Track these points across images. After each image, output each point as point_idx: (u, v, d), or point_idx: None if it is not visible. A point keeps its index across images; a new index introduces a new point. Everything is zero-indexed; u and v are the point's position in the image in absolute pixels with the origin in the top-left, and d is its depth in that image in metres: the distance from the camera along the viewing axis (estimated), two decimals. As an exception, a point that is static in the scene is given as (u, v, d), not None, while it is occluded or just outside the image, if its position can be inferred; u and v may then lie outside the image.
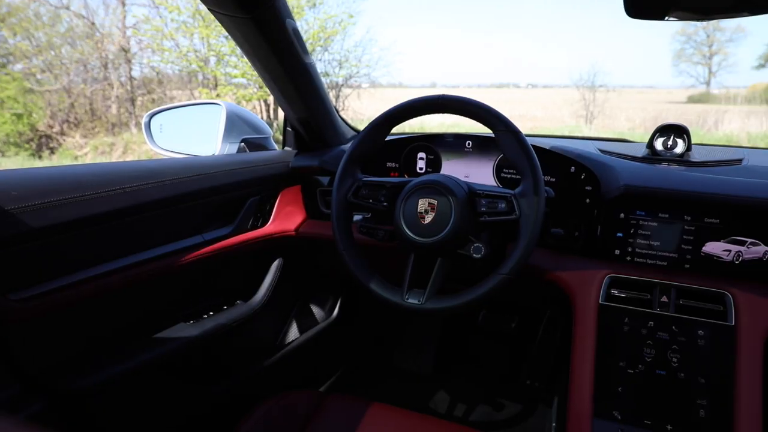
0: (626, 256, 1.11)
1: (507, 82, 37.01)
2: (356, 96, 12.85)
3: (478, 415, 1.76)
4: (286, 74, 1.22)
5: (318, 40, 11.41)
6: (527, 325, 1.85)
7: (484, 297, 0.95)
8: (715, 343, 0.98)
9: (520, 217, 0.94)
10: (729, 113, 13.24)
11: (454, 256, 1.00)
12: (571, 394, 1.02)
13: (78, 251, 0.94)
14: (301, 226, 1.47)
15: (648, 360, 1.00)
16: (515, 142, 0.96)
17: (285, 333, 1.63)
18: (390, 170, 1.41)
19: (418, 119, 1.17)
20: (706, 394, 0.95)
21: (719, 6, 0.82)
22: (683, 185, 1.07)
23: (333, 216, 1.09)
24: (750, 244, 1.03)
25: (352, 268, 1.06)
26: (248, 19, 1.04)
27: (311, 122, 1.39)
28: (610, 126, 13.71)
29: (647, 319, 1.03)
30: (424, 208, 0.98)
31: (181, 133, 1.61)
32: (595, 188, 1.16)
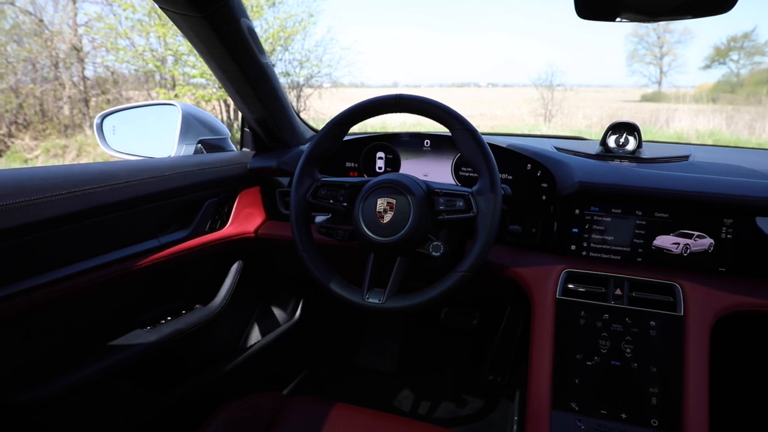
0: (582, 251, 1.14)
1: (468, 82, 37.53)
2: (318, 96, 12.77)
3: (442, 412, 1.78)
4: (242, 74, 1.20)
5: (278, 40, 11.28)
6: (488, 321, 1.88)
7: (443, 295, 0.96)
8: (666, 333, 1.02)
9: (477, 215, 0.95)
10: (679, 111, 13.74)
11: (413, 255, 1.00)
12: (530, 388, 1.04)
13: (25, 258, 0.90)
14: (261, 228, 1.46)
15: (603, 352, 1.03)
16: (472, 140, 0.97)
17: (247, 336, 1.61)
18: (349, 170, 1.41)
19: (380, 119, 1.18)
20: (658, 383, 0.99)
21: (665, 8, 0.86)
22: (634, 181, 1.11)
23: (292, 217, 1.08)
24: (697, 237, 1.07)
25: (312, 269, 1.06)
26: (201, 18, 1.02)
27: (269, 122, 1.38)
28: (569, 124, 14.05)
29: (602, 312, 1.06)
30: (382, 207, 0.99)
31: (136, 135, 1.57)
32: (550, 185, 1.19)
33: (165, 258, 1.18)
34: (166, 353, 1.31)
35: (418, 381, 1.94)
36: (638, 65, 29.14)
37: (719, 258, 1.06)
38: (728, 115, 12.78)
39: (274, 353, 1.67)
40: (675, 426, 0.95)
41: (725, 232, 1.06)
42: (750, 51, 23.64)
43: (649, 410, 0.97)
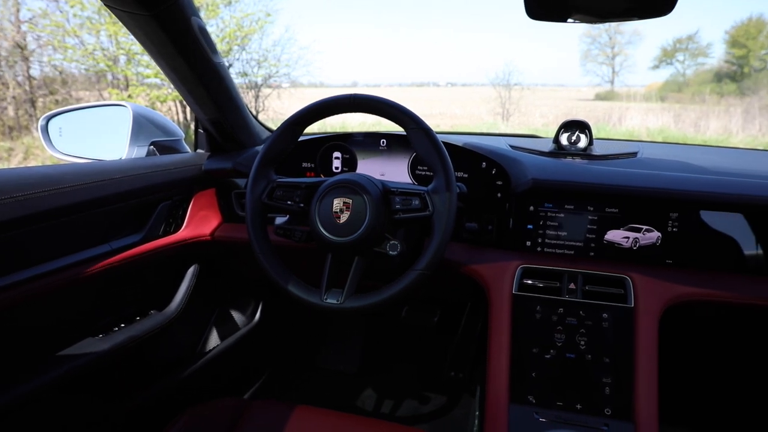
0: (537, 247, 1.17)
1: (427, 81, 37.77)
2: (276, 96, 12.64)
3: (404, 410, 1.79)
4: (194, 74, 1.18)
5: (235, 39, 11.09)
6: (449, 318, 1.90)
7: (401, 293, 0.96)
8: (617, 325, 1.05)
9: (433, 214, 0.96)
10: (630, 110, 14.22)
11: (370, 255, 1.01)
12: (488, 383, 1.06)
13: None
14: (217, 231, 1.43)
15: (559, 345, 1.06)
16: (426, 139, 0.98)
17: (205, 341, 1.58)
18: (306, 170, 1.40)
19: (339, 119, 1.18)
20: (611, 373, 1.02)
21: (613, 10, 0.89)
22: (585, 178, 1.14)
23: (247, 219, 1.06)
24: (645, 231, 1.11)
25: (269, 271, 1.04)
26: (149, 17, 0.99)
27: (223, 123, 1.36)
28: (526, 122, 14.33)
29: (557, 306, 1.09)
30: (339, 207, 0.98)
31: (84, 137, 1.52)
32: (505, 183, 1.21)
33: (117, 263, 1.15)
34: (121, 361, 1.27)
35: (380, 380, 1.94)
36: (592, 65, 30.02)
37: (666, 250, 1.11)
38: (676, 114, 13.31)
39: (233, 357, 1.65)
40: (627, 413, 0.98)
41: (671, 225, 1.10)
42: (694, 52, 24.71)
43: (603, 399, 1.00)
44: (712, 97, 17.09)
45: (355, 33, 62.13)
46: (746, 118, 12.04)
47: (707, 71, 23.15)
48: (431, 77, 45.50)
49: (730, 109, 13.40)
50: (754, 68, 20.27)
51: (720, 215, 1.10)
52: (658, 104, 16.12)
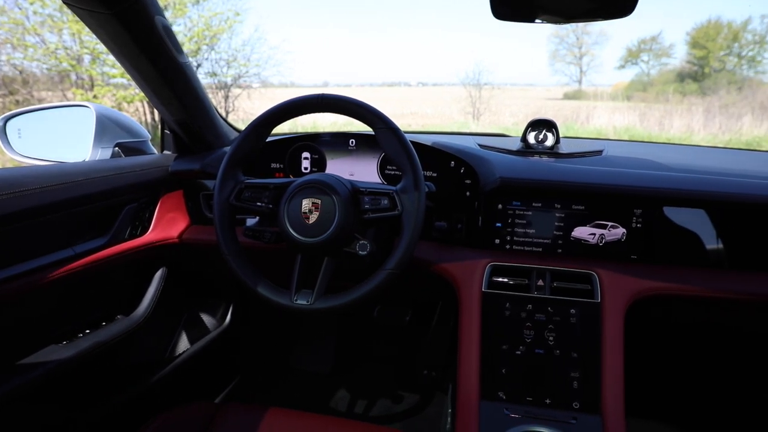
0: (505, 245, 1.19)
1: (398, 81, 37.83)
2: (246, 96, 12.51)
3: (378, 409, 1.79)
4: (159, 74, 1.16)
5: (203, 39, 10.95)
6: (421, 317, 1.91)
7: (371, 293, 0.97)
8: (585, 320, 1.08)
9: (402, 213, 0.96)
10: (598, 109, 14.49)
11: (340, 255, 1.00)
12: (459, 380, 1.07)
13: None
14: (185, 233, 1.41)
15: (528, 341, 1.08)
16: (394, 139, 0.99)
17: (174, 345, 1.55)
18: (275, 171, 1.39)
19: (311, 119, 1.17)
20: (578, 367, 1.04)
21: (579, 11, 0.91)
22: (552, 176, 1.16)
23: (216, 220, 1.05)
24: (611, 227, 1.14)
25: (238, 273, 1.03)
26: (110, 15, 0.97)
27: (190, 124, 1.34)
28: (496, 121, 14.47)
29: (526, 303, 1.10)
30: (308, 208, 0.98)
31: (45, 139, 1.48)
32: (474, 182, 1.22)
33: (81, 268, 1.12)
34: (87, 368, 1.24)
35: (353, 380, 1.94)
36: (560, 65, 30.61)
37: (631, 246, 1.13)
38: (641, 112, 13.63)
39: (204, 361, 1.62)
40: (594, 407, 1.00)
41: (635, 221, 1.13)
42: (657, 53, 25.39)
43: (571, 394, 1.02)
44: (675, 96, 17.56)
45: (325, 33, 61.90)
46: (707, 116, 12.40)
47: (670, 71, 23.81)
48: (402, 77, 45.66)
49: (692, 108, 13.78)
50: (713, 69, 20.93)
51: (683, 211, 1.13)
52: (625, 103, 16.47)
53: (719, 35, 21.13)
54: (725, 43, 21.05)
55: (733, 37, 20.87)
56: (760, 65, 20.70)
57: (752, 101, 13.55)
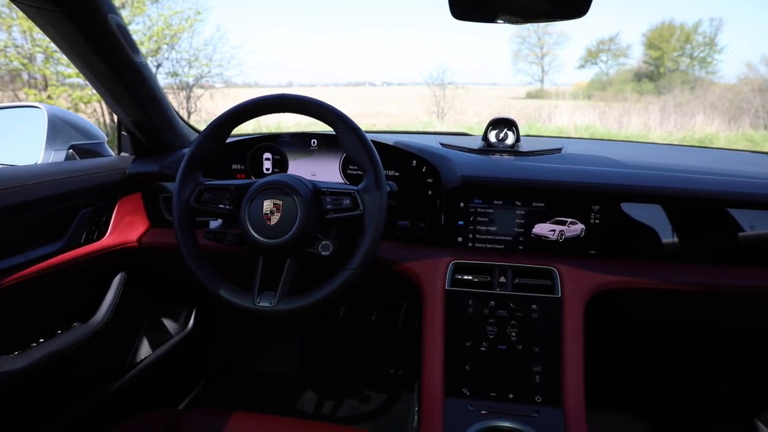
0: (468, 243, 1.20)
1: (363, 81, 37.73)
2: (209, 96, 12.30)
3: (345, 410, 1.79)
4: (114, 74, 1.13)
5: (163, 38, 10.71)
6: (387, 316, 1.91)
7: (334, 293, 0.96)
8: (546, 315, 1.10)
9: (364, 213, 0.96)
10: (559, 108, 14.77)
11: (303, 256, 1.00)
12: (423, 377, 1.07)
13: None
14: (144, 237, 1.38)
15: (491, 337, 1.09)
16: (355, 138, 0.99)
17: (135, 351, 1.52)
18: (236, 172, 1.37)
19: (275, 119, 1.16)
20: (540, 362, 1.06)
21: (538, 12, 0.93)
22: (513, 174, 1.18)
23: (175, 223, 1.03)
24: (570, 223, 1.16)
25: (199, 276, 1.02)
26: (60, 13, 0.94)
27: (148, 125, 1.31)
28: (461, 121, 14.59)
29: (489, 300, 1.12)
30: (269, 209, 0.97)
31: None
32: (436, 180, 1.23)
33: (34, 274, 1.08)
34: (42, 378, 1.20)
35: (320, 381, 1.93)
36: (522, 65, 31.09)
37: (589, 241, 1.16)
38: (601, 111, 13.96)
39: (167, 366, 1.59)
40: (556, 400, 1.02)
41: (593, 217, 1.15)
42: (616, 53, 26.10)
43: (534, 388, 1.04)
44: (633, 95, 18.06)
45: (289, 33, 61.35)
46: (663, 115, 12.81)
47: (628, 71, 24.49)
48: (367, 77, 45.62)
49: (648, 106, 14.21)
50: (668, 69, 21.64)
51: (640, 207, 1.16)
52: (585, 102, 16.85)
53: (672, 37, 21.88)
54: (678, 45, 21.81)
55: (685, 38, 21.65)
56: (710, 66, 21.53)
57: (704, 100, 14.07)
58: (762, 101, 12.43)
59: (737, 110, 12.65)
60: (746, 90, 13.68)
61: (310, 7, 58.81)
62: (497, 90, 29.16)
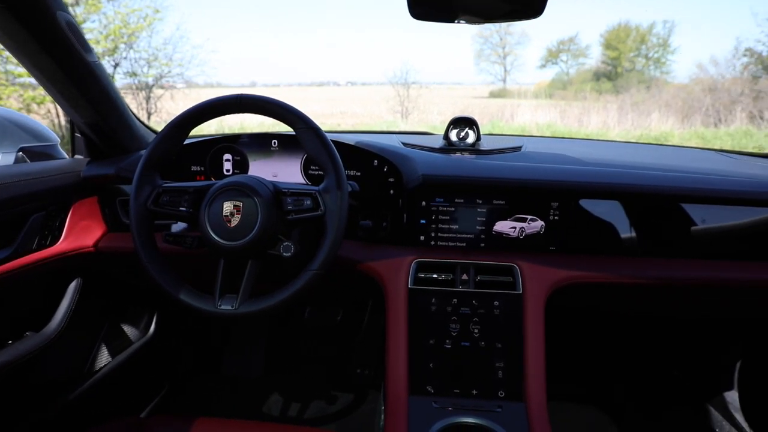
0: (430, 241, 1.21)
1: (327, 81, 37.59)
2: (170, 97, 12.03)
3: (312, 412, 1.78)
4: (65, 74, 1.09)
5: (121, 37, 10.41)
6: (352, 316, 1.91)
7: (296, 294, 0.96)
8: (507, 311, 1.11)
9: (325, 213, 0.96)
10: (522, 107, 14.99)
11: (264, 258, 0.99)
12: (387, 376, 1.08)
13: None
14: (101, 241, 1.34)
15: (454, 334, 1.10)
16: (316, 139, 0.98)
17: (93, 359, 1.47)
18: (196, 174, 1.35)
19: (238, 120, 1.14)
20: (503, 357, 1.08)
21: (497, 12, 0.95)
22: (473, 172, 1.19)
23: (132, 227, 1.01)
24: (530, 221, 1.18)
25: (158, 281, 1.00)
26: (3, 9, 0.90)
27: (103, 126, 1.27)
28: (425, 120, 14.64)
29: (452, 297, 1.13)
30: (229, 210, 0.96)
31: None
32: (397, 180, 1.23)
33: None
34: None
35: (286, 383, 1.91)
36: (485, 64, 31.50)
37: (549, 238, 1.19)
38: (562, 110, 14.24)
39: (127, 374, 1.55)
40: (518, 394, 1.04)
41: (552, 214, 1.18)
42: (575, 53, 26.77)
43: (497, 383, 1.06)
44: (592, 94, 18.49)
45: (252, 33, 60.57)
46: (621, 113, 13.16)
47: (587, 70, 25.14)
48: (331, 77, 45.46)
49: (607, 105, 14.55)
50: (625, 69, 22.32)
51: (598, 203, 1.19)
52: (547, 101, 17.15)
53: (629, 38, 22.57)
54: (634, 45, 22.52)
55: (641, 39, 22.38)
56: (664, 66, 22.34)
57: (659, 99, 14.54)
58: (712, 100, 12.93)
59: (689, 109, 13.12)
60: (697, 90, 14.20)
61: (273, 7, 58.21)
62: (460, 89, 29.47)
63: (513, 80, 27.41)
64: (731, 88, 13.35)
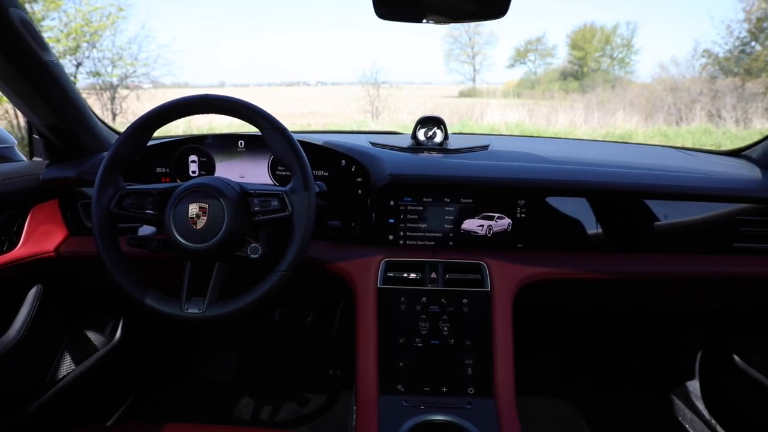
0: (399, 240, 1.21)
1: (297, 81, 37.44)
2: (136, 97, 11.78)
3: (284, 414, 1.76)
4: (20, 74, 1.05)
5: (83, 35, 10.14)
6: (323, 316, 1.90)
7: (264, 296, 0.95)
8: (476, 308, 1.12)
9: (292, 214, 0.95)
10: (491, 106, 15.14)
11: (232, 260, 0.98)
12: (358, 376, 1.07)
13: None
14: (63, 246, 1.30)
15: (424, 333, 1.10)
16: (282, 139, 0.97)
17: (55, 368, 1.43)
18: (161, 176, 1.32)
19: (207, 120, 1.12)
20: (472, 354, 1.09)
21: (463, 13, 0.96)
22: (440, 171, 1.20)
23: (95, 231, 0.99)
24: (498, 218, 1.19)
25: (122, 285, 0.98)
26: None
27: (62, 128, 1.23)
28: (395, 119, 14.67)
29: (421, 296, 1.13)
30: (195, 212, 0.94)
31: None
32: (365, 179, 1.23)
33: None
34: None
35: (258, 386, 1.89)
36: (455, 64, 31.82)
37: (517, 235, 1.20)
38: (530, 109, 14.45)
39: (93, 382, 1.51)
40: (488, 391, 1.05)
41: (519, 212, 1.19)
42: (543, 53, 27.27)
43: (466, 380, 1.07)
44: (559, 93, 18.85)
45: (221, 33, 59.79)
46: (587, 112, 13.44)
47: (555, 70, 25.63)
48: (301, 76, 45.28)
49: (574, 104, 14.85)
50: (591, 68, 22.84)
51: (564, 200, 1.21)
52: (515, 100, 17.36)
53: (594, 38, 23.08)
54: (599, 46, 23.06)
55: (606, 40, 22.94)
56: (628, 66, 22.95)
57: (623, 98, 14.92)
58: (673, 99, 13.32)
59: (652, 108, 13.49)
60: (660, 89, 14.63)
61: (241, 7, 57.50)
62: (430, 89, 29.68)
63: (482, 80, 27.79)
64: (691, 88, 13.79)
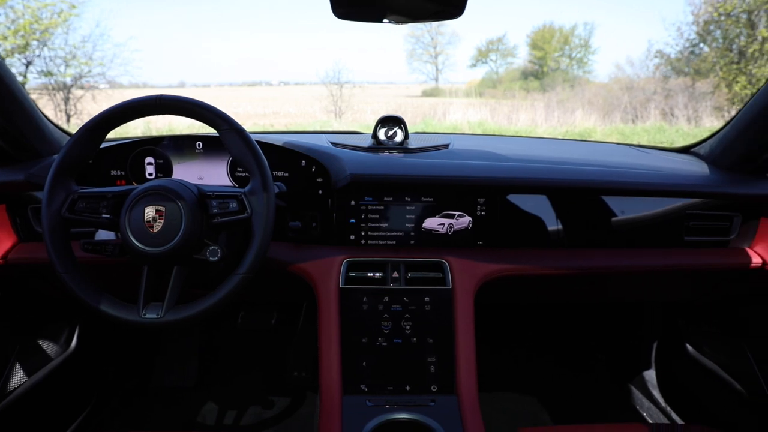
0: (361, 240, 1.21)
1: (259, 80, 37.06)
2: (91, 98, 11.42)
3: (248, 418, 1.74)
4: None
5: (32, 33, 9.77)
6: (287, 318, 1.89)
7: (224, 299, 0.94)
8: (438, 306, 1.13)
9: (252, 215, 0.94)
10: (454, 105, 15.29)
11: (191, 263, 0.96)
12: (321, 377, 1.07)
13: None
14: (12, 253, 1.25)
15: (386, 332, 1.11)
16: (240, 140, 0.96)
17: (6, 380, 1.37)
18: (116, 178, 1.28)
19: (167, 121, 1.09)
20: (435, 352, 1.10)
21: (422, 12, 0.97)
22: (401, 170, 1.21)
23: (45, 236, 0.95)
24: (458, 217, 1.21)
25: (76, 292, 0.95)
26: None
27: (8, 129, 1.18)
28: (359, 119, 14.64)
29: (383, 295, 1.14)
30: (151, 215, 0.92)
31: None
32: (326, 180, 1.23)
33: None
34: None
35: (221, 390, 1.87)
36: (417, 63, 32.08)
37: (477, 233, 1.22)
38: (492, 108, 14.64)
39: (47, 393, 1.46)
40: (450, 387, 1.06)
41: (479, 210, 1.21)
42: (504, 53, 27.72)
43: (429, 378, 1.08)
44: (520, 92, 19.19)
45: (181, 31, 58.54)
46: (547, 111, 13.70)
47: (516, 70, 26.09)
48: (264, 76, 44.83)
49: (535, 103, 15.13)
50: (550, 68, 23.35)
51: (522, 198, 1.23)
52: (477, 99, 17.60)
53: (553, 38, 23.60)
54: (558, 46, 23.59)
55: (564, 40, 23.49)
56: (586, 66, 23.58)
57: (582, 97, 15.30)
58: (629, 98, 13.74)
59: (610, 106, 13.87)
60: (616, 88, 15.06)
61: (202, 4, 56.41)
62: (394, 88, 29.79)
63: (445, 79, 28.08)
64: (645, 87, 14.26)
